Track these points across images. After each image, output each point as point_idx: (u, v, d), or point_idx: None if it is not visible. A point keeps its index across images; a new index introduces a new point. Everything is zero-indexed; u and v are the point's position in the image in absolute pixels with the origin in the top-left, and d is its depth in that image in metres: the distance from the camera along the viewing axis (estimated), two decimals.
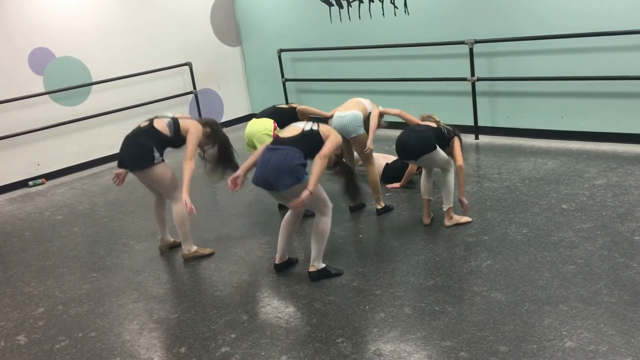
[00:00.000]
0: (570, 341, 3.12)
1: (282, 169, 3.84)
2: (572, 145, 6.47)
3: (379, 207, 5.22)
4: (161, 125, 4.65)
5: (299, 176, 3.83)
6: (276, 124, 5.37)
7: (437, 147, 4.55)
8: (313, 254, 4.13)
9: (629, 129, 6.24)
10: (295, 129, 4.10)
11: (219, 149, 4.88)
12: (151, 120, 4.69)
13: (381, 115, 5.19)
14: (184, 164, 4.52)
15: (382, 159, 6.07)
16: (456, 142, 4.68)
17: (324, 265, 4.17)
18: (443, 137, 4.64)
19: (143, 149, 4.53)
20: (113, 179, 4.83)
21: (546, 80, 6.64)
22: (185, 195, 4.39)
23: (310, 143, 3.97)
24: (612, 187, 5.14)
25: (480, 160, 6.40)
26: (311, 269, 4.16)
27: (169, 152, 4.79)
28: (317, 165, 3.85)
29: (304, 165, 3.91)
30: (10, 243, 5.79)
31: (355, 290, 3.96)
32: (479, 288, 3.77)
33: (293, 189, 3.84)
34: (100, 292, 4.46)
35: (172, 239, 5.07)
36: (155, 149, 4.56)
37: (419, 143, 4.54)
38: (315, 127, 4.07)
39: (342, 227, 5.06)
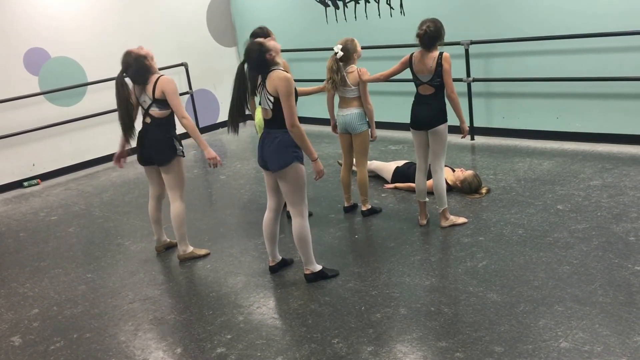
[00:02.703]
0: (566, 341, 3.13)
1: (274, 152, 3.96)
2: (567, 146, 6.49)
3: (365, 208, 5.22)
4: (155, 112, 4.62)
5: (287, 160, 3.92)
6: None
7: (446, 121, 4.59)
8: (303, 259, 4.15)
9: (624, 130, 6.26)
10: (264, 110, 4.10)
11: None
12: (146, 113, 4.65)
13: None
14: (183, 122, 4.53)
15: (393, 163, 6.07)
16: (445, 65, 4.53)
17: (319, 267, 4.17)
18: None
19: (164, 142, 4.57)
20: (116, 163, 4.81)
21: (542, 81, 6.65)
22: (209, 150, 4.56)
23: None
24: (607, 188, 5.16)
25: (475, 161, 6.41)
26: (306, 272, 4.16)
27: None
28: (295, 138, 3.90)
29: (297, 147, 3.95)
30: (5, 244, 5.77)
31: (351, 290, 3.96)
32: (475, 289, 3.78)
33: (284, 171, 3.94)
34: (96, 293, 4.45)
35: (168, 239, 5.06)
36: (174, 138, 4.61)
37: (432, 114, 4.55)
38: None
39: (338, 227, 5.06)
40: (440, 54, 4.49)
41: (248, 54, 3.94)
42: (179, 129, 4.67)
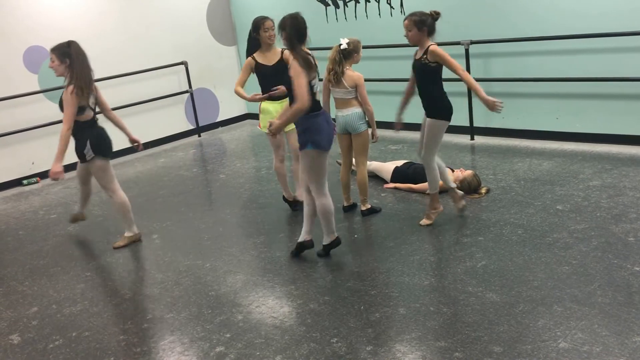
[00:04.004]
0: (565, 342, 3.13)
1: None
2: (567, 146, 6.49)
3: (364, 208, 5.23)
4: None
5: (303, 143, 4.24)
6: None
7: None
8: (324, 230, 4.46)
9: (624, 131, 6.26)
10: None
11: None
12: (96, 115, 5.01)
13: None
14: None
15: (392, 163, 6.07)
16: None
17: (336, 235, 4.47)
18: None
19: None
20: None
21: (541, 82, 6.65)
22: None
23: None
24: (607, 188, 5.16)
25: (475, 161, 6.41)
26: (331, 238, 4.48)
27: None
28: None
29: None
30: (4, 242, 5.77)
31: (350, 290, 3.96)
32: (474, 288, 3.78)
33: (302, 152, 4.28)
34: (95, 292, 4.44)
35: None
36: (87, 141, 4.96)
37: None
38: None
39: (337, 227, 5.04)
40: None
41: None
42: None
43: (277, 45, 5.16)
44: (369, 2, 7.96)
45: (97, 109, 5.03)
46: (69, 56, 4.79)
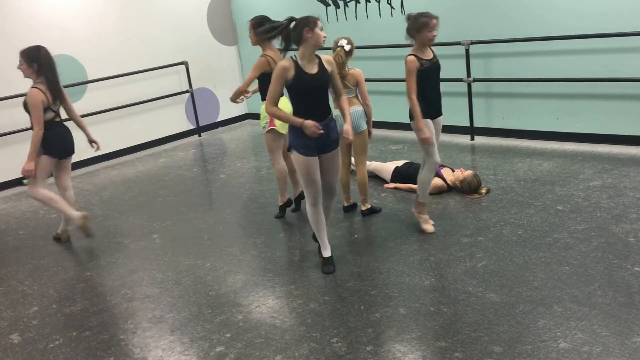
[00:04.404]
0: (565, 342, 3.13)
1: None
2: (567, 147, 6.49)
3: (364, 208, 5.23)
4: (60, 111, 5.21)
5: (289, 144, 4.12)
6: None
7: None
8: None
9: (624, 131, 6.26)
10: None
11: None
12: (58, 113, 5.19)
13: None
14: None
15: (392, 163, 6.07)
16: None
17: (329, 254, 4.34)
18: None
19: (71, 134, 5.30)
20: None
21: (542, 82, 6.65)
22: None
23: None
24: (607, 189, 5.16)
25: (475, 161, 6.41)
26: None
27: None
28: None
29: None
30: (5, 241, 5.77)
31: (350, 290, 3.96)
32: (474, 289, 3.78)
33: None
34: (95, 291, 4.45)
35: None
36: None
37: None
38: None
39: (337, 227, 5.05)
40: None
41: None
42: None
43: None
44: (369, 2, 7.96)
45: (57, 110, 5.20)
46: (37, 60, 5.07)
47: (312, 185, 4.10)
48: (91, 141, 5.51)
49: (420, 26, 4.38)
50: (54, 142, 5.13)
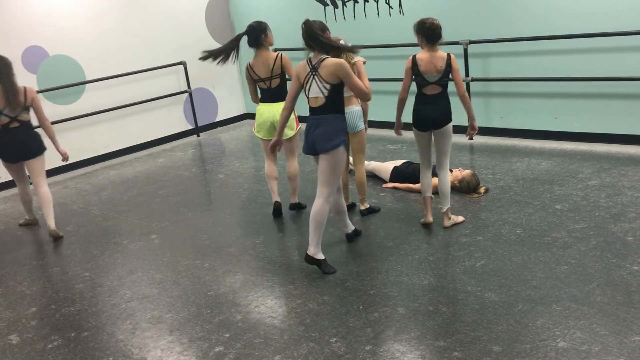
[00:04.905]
0: (563, 341, 3.13)
1: (328, 133, 4.15)
2: (565, 146, 6.50)
3: (363, 207, 5.23)
4: (25, 117, 5.49)
5: (337, 143, 4.14)
6: None
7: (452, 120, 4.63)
8: (311, 241, 4.21)
9: (623, 130, 6.27)
10: (314, 98, 4.21)
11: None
12: (15, 118, 5.40)
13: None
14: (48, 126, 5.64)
15: (390, 163, 6.07)
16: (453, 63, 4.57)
17: (322, 257, 4.23)
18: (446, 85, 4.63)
19: (36, 138, 5.57)
20: None
21: (540, 81, 6.66)
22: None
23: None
24: (606, 188, 5.16)
25: (474, 161, 6.41)
26: (309, 252, 4.21)
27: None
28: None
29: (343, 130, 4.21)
30: (4, 242, 5.76)
31: (349, 290, 3.96)
32: (473, 288, 3.78)
33: (331, 153, 4.14)
34: (93, 292, 4.44)
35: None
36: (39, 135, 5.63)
37: (441, 112, 4.58)
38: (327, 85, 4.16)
39: (337, 226, 5.05)
40: (448, 55, 4.55)
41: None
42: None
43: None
44: (368, 2, 7.96)
45: (15, 115, 5.39)
46: None
47: (338, 178, 4.27)
48: (60, 152, 5.76)
49: None
50: (1, 146, 5.49)
